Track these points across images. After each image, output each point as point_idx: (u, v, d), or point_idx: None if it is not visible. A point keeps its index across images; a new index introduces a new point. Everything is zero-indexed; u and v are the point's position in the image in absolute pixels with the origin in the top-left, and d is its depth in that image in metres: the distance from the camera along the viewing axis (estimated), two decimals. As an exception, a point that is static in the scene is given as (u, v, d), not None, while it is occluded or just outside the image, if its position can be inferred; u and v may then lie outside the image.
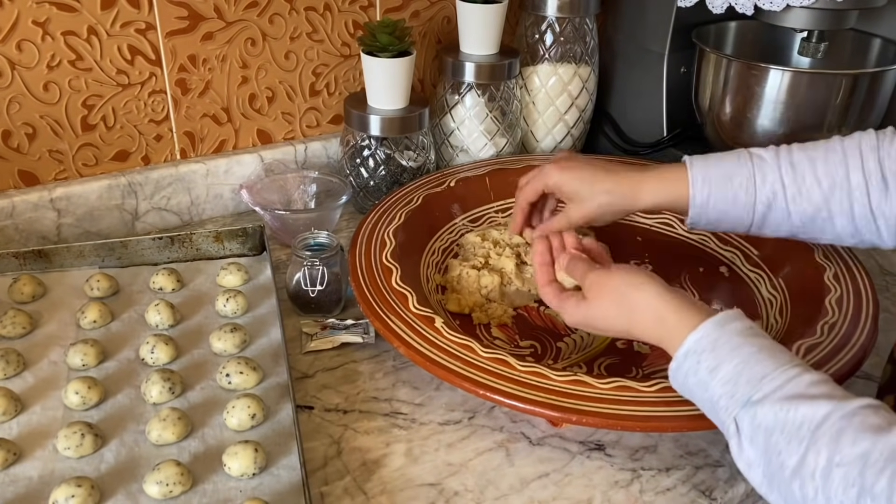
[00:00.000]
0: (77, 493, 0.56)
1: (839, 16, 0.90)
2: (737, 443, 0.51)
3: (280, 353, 0.73)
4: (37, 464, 0.61)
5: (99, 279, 0.80)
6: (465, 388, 0.63)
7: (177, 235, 0.85)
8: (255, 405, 0.65)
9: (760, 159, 0.69)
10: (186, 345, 0.74)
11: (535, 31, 1.06)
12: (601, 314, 0.63)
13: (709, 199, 0.70)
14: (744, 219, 0.70)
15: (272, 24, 0.95)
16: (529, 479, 0.63)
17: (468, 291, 0.81)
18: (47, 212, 0.88)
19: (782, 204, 0.68)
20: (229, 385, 0.69)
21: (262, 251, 0.88)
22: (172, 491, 0.58)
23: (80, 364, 0.70)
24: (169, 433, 0.63)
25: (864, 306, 0.74)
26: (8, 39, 0.82)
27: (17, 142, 0.86)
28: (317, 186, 0.97)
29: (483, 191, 0.96)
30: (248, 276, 0.83)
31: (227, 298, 0.78)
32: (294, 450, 0.62)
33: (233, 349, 0.73)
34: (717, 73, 0.98)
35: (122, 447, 0.63)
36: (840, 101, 0.92)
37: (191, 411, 0.66)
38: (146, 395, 0.67)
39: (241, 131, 1.00)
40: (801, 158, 0.68)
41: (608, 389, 0.62)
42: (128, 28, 0.87)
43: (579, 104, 1.09)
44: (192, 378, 0.70)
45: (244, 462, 0.60)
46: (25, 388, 0.68)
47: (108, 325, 0.76)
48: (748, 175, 0.69)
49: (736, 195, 0.69)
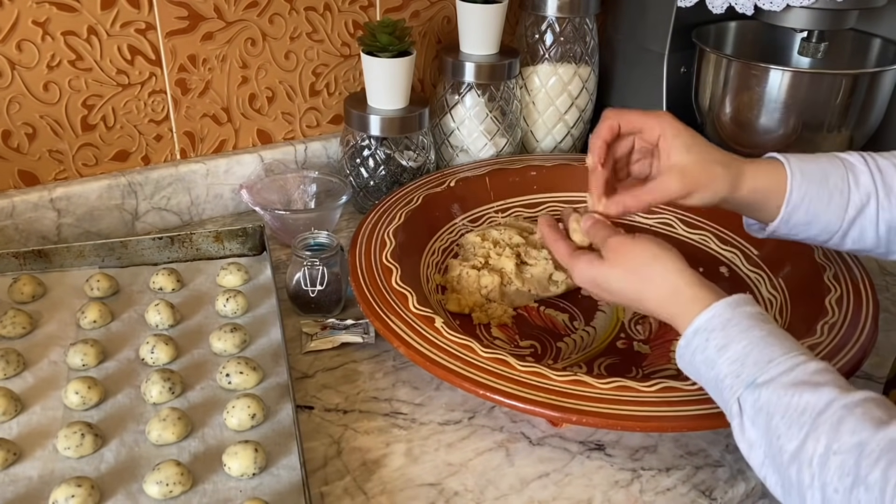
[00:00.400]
0: (77, 493, 0.56)
1: (839, 16, 0.90)
2: (739, 423, 0.52)
3: (280, 353, 0.73)
4: (37, 464, 0.61)
5: (99, 279, 0.80)
6: (465, 388, 0.63)
7: (177, 235, 0.85)
8: (255, 405, 0.65)
9: (849, 162, 0.64)
10: (186, 345, 0.74)
11: (535, 31, 1.07)
12: (615, 277, 0.62)
13: (804, 198, 0.63)
14: (832, 224, 0.64)
15: (272, 24, 0.95)
16: (529, 479, 0.63)
17: (468, 291, 0.81)
18: (47, 212, 0.88)
19: (873, 210, 0.63)
20: (229, 385, 0.69)
21: (262, 251, 0.88)
22: (172, 491, 0.58)
23: (80, 364, 0.70)
24: (169, 433, 0.63)
25: (864, 306, 0.74)
26: (8, 39, 0.82)
27: (17, 142, 0.86)
28: (317, 186, 0.97)
29: (483, 191, 0.96)
30: (248, 276, 0.83)
31: (228, 298, 0.78)
32: (294, 449, 0.62)
33: (233, 349, 0.73)
34: (717, 73, 0.98)
35: (122, 447, 0.63)
36: (840, 101, 0.92)
37: (191, 411, 0.66)
38: (146, 395, 0.67)
39: (241, 131, 1.00)
40: (885, 164, 0.64)
41: (608, 389, 0.62)
42: (128, 28, 0.87)
43: (579, 104, 1.10)
44: (192, 378, 0.70)
45: (244, 462, 0.60)
46: (25, 388, 0.68)
47: (107, 325, 0.76)
48: (842, 175, 0.63)
49: (831, 195, 0.63)
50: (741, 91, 0.96)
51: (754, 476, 0.63)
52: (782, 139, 0.95)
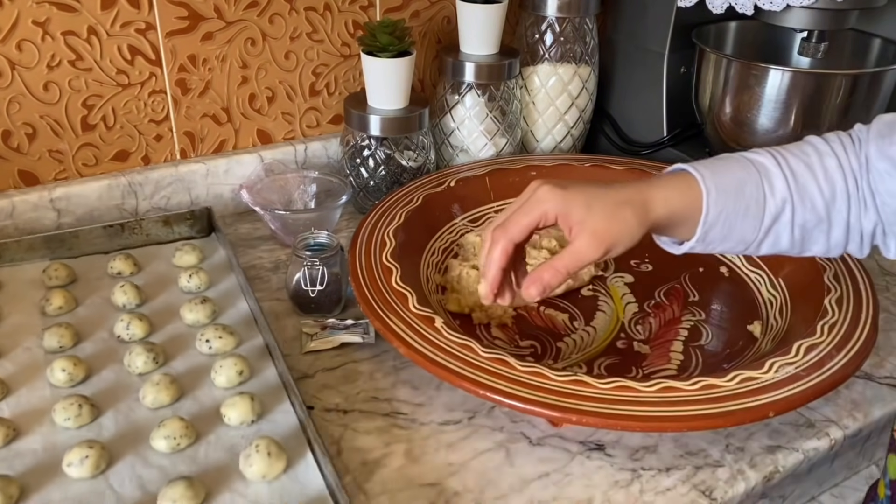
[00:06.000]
0: (90, 453, 0.58)
1: (839, 16, 0.90)
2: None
3: (250, 322, 0.77)
4: (37, 437, 0.62)
5: (57, 268, 0.81)
6: (465, 388, 0.63)
7: (127, 222, 0.88)
8: (242, 363, 0.69)
9: (763, 167, 0.61)
10: (159, 321, 0.76)
11: (535, 31, 1.07)
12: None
13: (721, 213, 0.59)
14: (748, 235, 0.61)
15: (272, 24, 0.95)
16: (529, 479, 0.63)
17: (468, 291, 0.81)
18: (47, 212, 0.88)
19: (788, 216, 0.60)
20: (210, 350, 0.72)
21: (210, 232, 0.92)
22: (180, 444, 0.61)
23: (58, 346, 0.71)
24: (164, 396, 0.65)
25: (864, 306, 0.74)
26: (8, 39, 0.82)
27: (17, 142, 0.86)
28: (317, 186, 0.97)
29: (483, 191, 0.96)
30: (203, 256, 0.87)
31: (190, 275, 0.81)
32: (285, 398, 0.67)
33: (205, 319, 0.76)
34: (717, 72, 0.98)
35: (119, 415, 0.65)
36: (840, 101, 0.92)
37: (178, 378, 0.68)
38: (130, 367, 0.70)
39: (241, 131, 1.00)
40: (797, 165, 0.61)
41: (608, 389, 0.62)
42: (128, 28, 0.87)
43: (579, 104, 1.10)
44: (172, 349, 0.73)
45: (242, 410, 0.63)
46: (6, 375, 0.68)
47: (73, 310, 0.78)
48: (757, 183, 0.60)
49: (748, 207, 0.60)
50: (741, 91, 0.96)
51: (754, 476, 0.63)
52: (782, 139, 0.94)
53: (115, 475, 0.59)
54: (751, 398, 0.62)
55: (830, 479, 0.76)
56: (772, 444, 0.66)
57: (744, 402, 0.61)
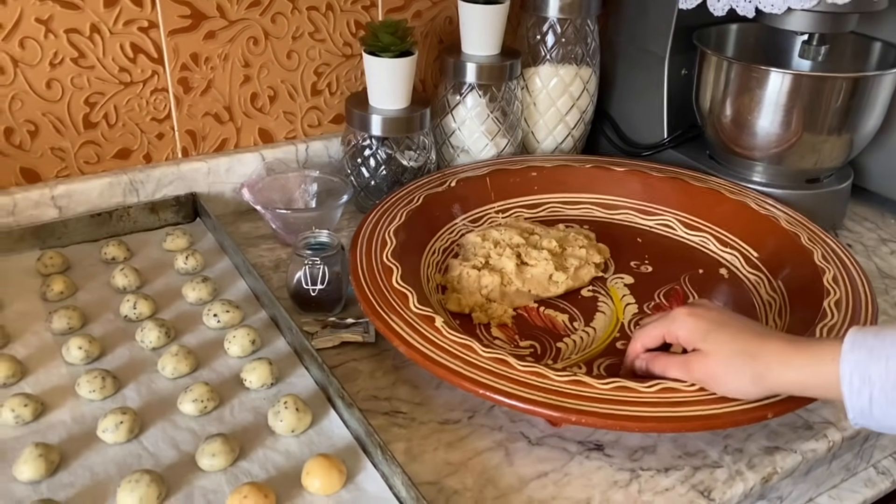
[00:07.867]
0: (124, 419, 0.61)
1: (840, 19, 0.90)
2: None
3: (250, 298, 0.80)
4: (65, 410, 0.64)
5: (52, 256, 0.82)
6: (465, 387, 0.63)
7: (115, 210, 0.90)
8: (253, 332, 0.72)
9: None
10: (162, 301, 0.79)
11: (537, 33, 1.07)
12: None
13: (871, 405, 0.52)
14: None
15: (274, 23, 0.96)
16: (528, 478, 0.63)
17: (468, 291, 0.81)
18: (49, 209, 0.89)
19: None
20: (218, 324, 0.75)
21: (195, 218, 0.95)
22: (206, 407, 0.64)
23: (67, 327, 0.73)
24: (183, 366, 0.68)
25: (863, 309, 0.74)
26: (11, 37, 0.82)
27: (19, 139, 0.87)
28: (318, 186, 0.97)
29: (484, 191, 0.96)
30: (192, 240, 0.89)
31: (186, 257, 0.84)
32: (298, 365, 0.71)
33: (208, 297, 0.79)
34: (718, 75, 0.98)
35: (141, 386, 0.68)
36: (840, 104, 0.92)
37: (193, 350, 0.71)
38: (144, 342, 0.72)
39: (243, 130, 1.00)
40: None
41: (608, 389, 0.63)
42: (130, 26, 0.87)
43: (580, 105, 1.10)
44: (181, 325, 0.75)
45: (262, 374, 0.67)
46: (20, 357, 0.69)
47: (75, 294, 0.79)
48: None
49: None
50: (742, 93, 0.96)
51: (752, 477, 0.64)
52: (782, 142, 0.95)
53: (149, 438, 0.62)
54: (750, 399, 0.62)
55: (828, 481, 0.76)
56: (770, 445, 0.67)
57: (742, 403, 0.62)
